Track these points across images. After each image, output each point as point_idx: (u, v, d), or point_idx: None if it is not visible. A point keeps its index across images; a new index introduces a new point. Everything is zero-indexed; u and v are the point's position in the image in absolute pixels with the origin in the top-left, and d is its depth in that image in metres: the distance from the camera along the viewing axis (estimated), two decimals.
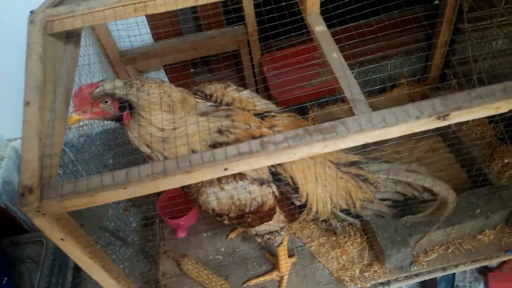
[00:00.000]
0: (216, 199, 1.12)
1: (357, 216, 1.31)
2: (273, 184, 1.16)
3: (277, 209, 1.21)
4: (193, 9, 1.74)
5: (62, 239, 0.84)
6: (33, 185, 0.77)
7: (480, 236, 1.53)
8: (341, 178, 1.24)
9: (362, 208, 1.29)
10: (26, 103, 0.88)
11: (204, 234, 1.70)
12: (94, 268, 0.95)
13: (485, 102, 0.79)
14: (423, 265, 1.49)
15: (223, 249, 1.64)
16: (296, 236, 1.62)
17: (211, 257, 1.62)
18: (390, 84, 2.07)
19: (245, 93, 1.24)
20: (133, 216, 1.90)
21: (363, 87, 0.96)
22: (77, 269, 1.65)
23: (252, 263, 1.59)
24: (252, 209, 1.16)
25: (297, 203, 1.23)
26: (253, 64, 1.82)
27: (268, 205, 1.17)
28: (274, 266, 1.55)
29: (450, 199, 1.18)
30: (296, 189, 1.20)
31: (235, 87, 1.25)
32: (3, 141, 1.77)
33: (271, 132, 1.15)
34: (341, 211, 1.30)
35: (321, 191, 1.23)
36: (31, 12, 1.00)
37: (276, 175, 1.17)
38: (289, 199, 1.22)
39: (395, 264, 1.47)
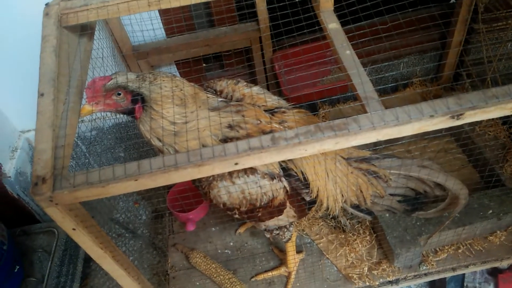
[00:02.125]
0: (227, 193, 1.12)
1: (368, 212, 1.31)
2: (284, 179, 1.16)
3: (287, 204, 1.21)
4: (206, 4, 1.74)
5: (73, 229, 0.85)
6: (46, 175, 0.78)
7: (491, 237, 1.52)
8: (352, 173, 1.23)
9: (373, 204, 1.28)
10: (41, 95, 0.89)
11: (213, 228, 1.70)
12: (104, 259, 0.96)
13: (500, 102, 0.78)
14: (432, 264, 1.48)
15: (231, 244, 1.65)
16: (304, 232, 1.62)
17: (219, 251, 1.63)
18: (403, 83, 2.05)
19: (256, 89, 1.24)
20: (143, 209, 1.91)
21: (376, 86, 0.95)
22: (88, 260, 1.67)
23: (260, 258, 1.59)
24: (262, 203, 1.16)
25: (307, 199, 1.23)
26: (265, 60, 1.82)
27: (278, 199, 1.17)
28: (282, 262, 1.55)
29: (462, 195, 1.17)
30: (306, 184, 1.20)
31: (245, 83, 1.25)
32: (16, 132, 1.79)
33: (282, 127, 1.15)
34: (352, 206, 1.30)
35: (332, 187, 1.23)
36: (46, 4, 1.01)
37: (287, 170, 1.17)
38: (299, 195, 1.22)
39: (404, 263, 1.46)
